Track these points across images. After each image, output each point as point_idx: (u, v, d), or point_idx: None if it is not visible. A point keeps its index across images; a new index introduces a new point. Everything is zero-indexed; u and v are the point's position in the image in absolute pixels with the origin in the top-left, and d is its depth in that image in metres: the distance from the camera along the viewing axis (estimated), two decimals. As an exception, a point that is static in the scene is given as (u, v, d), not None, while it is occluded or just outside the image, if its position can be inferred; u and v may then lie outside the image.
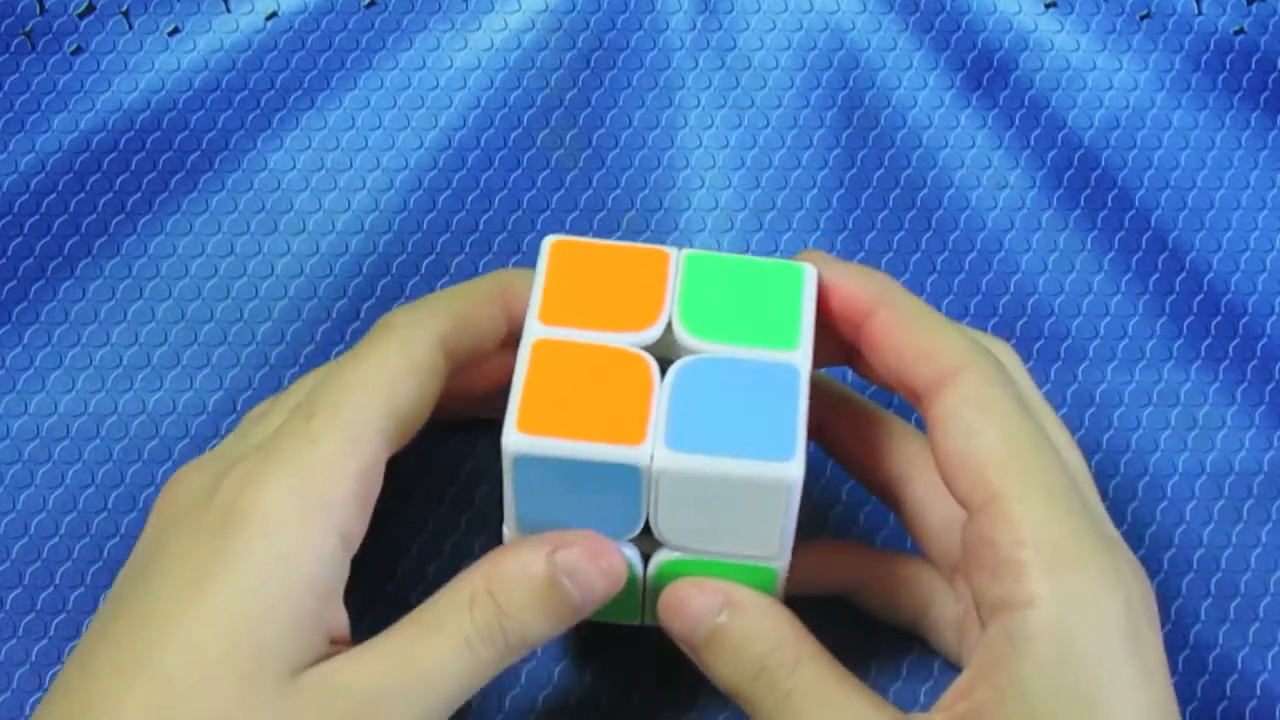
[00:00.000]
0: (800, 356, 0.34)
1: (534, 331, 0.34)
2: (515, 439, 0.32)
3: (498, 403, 0.33)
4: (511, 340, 0.36)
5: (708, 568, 0.35)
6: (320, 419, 0.34)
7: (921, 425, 0.37)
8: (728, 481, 0.32)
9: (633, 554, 0.34)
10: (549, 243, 0.35)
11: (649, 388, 0.33)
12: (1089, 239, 0.46)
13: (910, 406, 0.37)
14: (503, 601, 0.33)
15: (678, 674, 0.39)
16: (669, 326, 0.34)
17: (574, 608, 0.34)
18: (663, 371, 0.33)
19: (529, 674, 0.40)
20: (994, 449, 0.34)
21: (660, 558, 0.35)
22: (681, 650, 0.36)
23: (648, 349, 0.34)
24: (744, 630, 0.34)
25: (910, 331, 0.35)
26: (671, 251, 0.35)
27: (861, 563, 0.40)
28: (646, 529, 0.34)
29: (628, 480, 0.32)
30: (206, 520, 0.33)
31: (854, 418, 0.39)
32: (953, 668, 0.39)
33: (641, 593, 0.36)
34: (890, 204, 0.47)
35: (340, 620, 0.34)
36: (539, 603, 0.33)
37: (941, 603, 0.38)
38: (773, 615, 0.34)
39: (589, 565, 0.33)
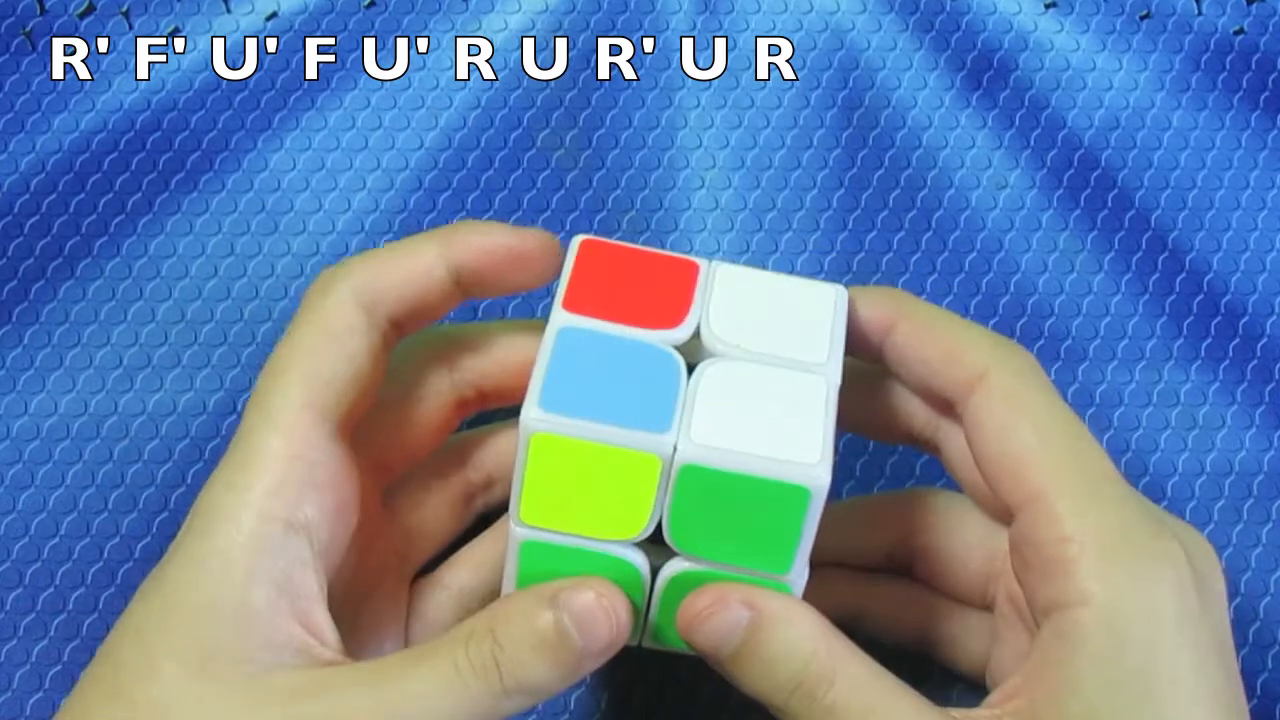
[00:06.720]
0: (831, 369, 0.33)
1: (559, 321, 0.33)
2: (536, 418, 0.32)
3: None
4: (459, 289, 0.36)
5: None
6: (248, 412, 0.34)
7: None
8: (750, 478, 0.32)
9: (639, 560, 0.33)
10: (578, 241, 0.35)
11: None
12: (1089, 239, 0.46)
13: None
14: (500, 636, 0.32)
15: (678, 673, 0.39)
16: (698, 331, 0.34)
17: (575, 652, 0.32)
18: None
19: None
20: (1030, 445, 0.33)
21: (671, 570, 0.33)
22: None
23: (678, 348, 0.33)
24: (776, 647, 0.32)
25: (932, 338, 0.35)
26: (702, 263, 0.35)
27: (857, 589, 0.39)
28: (658, 537, 0.33)
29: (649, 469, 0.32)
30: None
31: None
32: (954, 673, 0.39)
33: (645, 610, 0.34)
34: (890, 204, 0.47)
35: (316, 618, 0.33)
36: (538, 640, 0.32)
37: (948, 618, 0.38)
38: (805, 624, 0.32)
39: (595, 608, 0.32)
